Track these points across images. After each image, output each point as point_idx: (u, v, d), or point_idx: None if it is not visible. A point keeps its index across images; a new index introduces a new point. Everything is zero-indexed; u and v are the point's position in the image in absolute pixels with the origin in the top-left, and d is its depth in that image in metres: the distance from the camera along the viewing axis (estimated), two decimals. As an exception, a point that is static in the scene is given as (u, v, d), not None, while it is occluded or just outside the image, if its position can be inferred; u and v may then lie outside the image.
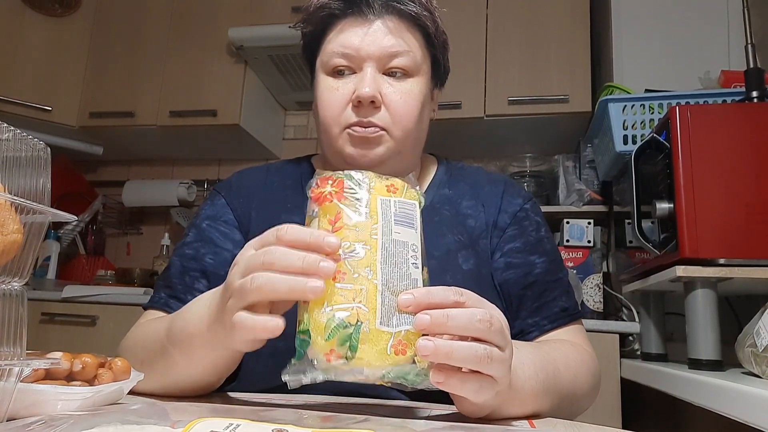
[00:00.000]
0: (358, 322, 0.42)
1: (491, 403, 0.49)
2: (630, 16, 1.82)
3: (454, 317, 0.43)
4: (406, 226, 0.48)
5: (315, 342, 0.43)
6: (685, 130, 1.12)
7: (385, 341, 0.43)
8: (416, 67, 0.70)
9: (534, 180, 2.10)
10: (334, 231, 0.46)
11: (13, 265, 0.39)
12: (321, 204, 0.49)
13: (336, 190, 0.49)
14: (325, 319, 0.43)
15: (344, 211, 0.47)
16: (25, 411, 0.41)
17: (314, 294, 0.43)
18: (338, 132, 0.69)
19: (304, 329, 0.44)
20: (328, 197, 0.48)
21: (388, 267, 0.45)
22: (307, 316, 0.44)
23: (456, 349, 0.42)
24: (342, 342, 0.42)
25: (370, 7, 0.69)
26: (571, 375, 0.62)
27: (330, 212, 0.47)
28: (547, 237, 0.78)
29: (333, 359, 0.42)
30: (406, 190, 0.51)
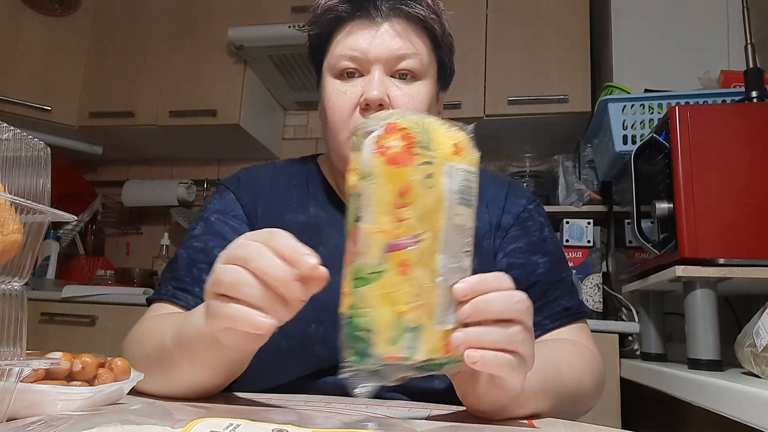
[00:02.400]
0: (420, 324, 0.40)
1: (501, 406, 0.48)
2: (630, 16, 1.82)
3: (493, 301, 0.43)
4: (466, 205, 0.43)
5: (379, 344, 0.40)
6: (685, 130, 1.12)
7: (439, 340, 0.41)
8: (423, 70, 0.70)
9: (534, 180, 2.10)
10: (400, 208, 0.40)
11: (13, 265, 0.39)
12: (388, 165, 0.41)
13: (405, 146, 0.41)
14: (391, 319, 0.40)
15: (414, 183, 0.40)
16: (25, 411, 0.40)
17: (260, 330, 0.41)
18: (346, 136, 0.69)
19: (364, 326, 0.40)
20: (397, 159, 0.41)
21: (446, 258, 0.42)
22: (370, 311, 0.40)
23: (486, 333, 0.42)
24: (406, 345, 0.40)
25: (377, 9, 0.69)
26: (574, 375, 0.62)
27: (398, 180, 0.40)
28: (551, 237, 0.78)
29: (394, 361, 0.40)
30: (469, 150, 0.44)
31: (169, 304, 0.71)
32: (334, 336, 0.67)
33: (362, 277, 0.40)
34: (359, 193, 0.41)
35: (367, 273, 0.40)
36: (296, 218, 0.76)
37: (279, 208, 0.77)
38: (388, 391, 0.67)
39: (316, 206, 0.77)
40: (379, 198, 0.41)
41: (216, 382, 0.57)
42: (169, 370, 0.55)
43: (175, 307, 0.70)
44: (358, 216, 0.41)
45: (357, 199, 0.42)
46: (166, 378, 0.56)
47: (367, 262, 0.40)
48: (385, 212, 0.41)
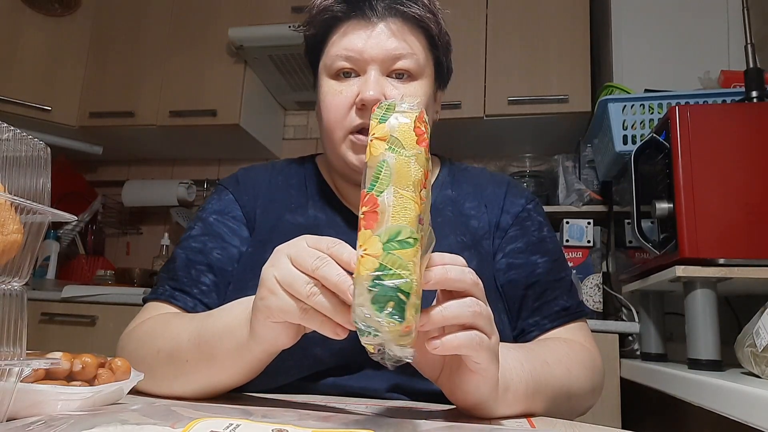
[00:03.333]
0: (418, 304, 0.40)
1: (487, 396, 0.49)
2: (630, 16, 1.82)
3: (447, 308, 0.44)
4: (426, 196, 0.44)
5: (410, 310, 0.39)
6: (685, 130, 1.12)
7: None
8: (420, 70, 0.70)
9: (534, 180, 2.10)
10: (422, 189, 0.42)
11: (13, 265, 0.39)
12: (420, 145, 0.42)
13: (428, 135, 0.43)
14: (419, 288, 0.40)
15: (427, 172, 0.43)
16: (25, 411, 0.40)
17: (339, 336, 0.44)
18: (342, 136, 0.69)
19: (405, 288, 0.39)
20: (427, 144, 0.43)
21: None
22: (410, 275, 0.39)
23: (444, 309, 0.44)
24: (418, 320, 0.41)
25: (373, 9, 0.69)
26: (563, 369, 0.62)
27: (425, 164, 0.42)
28: (550, 237, 0.78)
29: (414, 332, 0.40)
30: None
31: (167, 305, 0.70)
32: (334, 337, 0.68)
33: (403, 240, 0.39)
34: (385, 159, 0.42)
35: (406, 237, 0.39)
36: (295, 219, 0.76)
37: (278, 209, 0.77)
38: (388, 392, 0.67)
39: (315, 208, 0.77)
40: (411, 172, 0.41)
41: (230, 383, 0.56)
42: (183, 370, 0.55)
43: (173, 307, 0.70)
44: (385, 182, 0.41)
45: (384, 165, 0.41)
46: (178, 378, 0.56)
47: (405, 226, 0.40)
48: (414, 187, 0.41)
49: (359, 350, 0.67)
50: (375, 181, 0.41)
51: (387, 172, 0.41)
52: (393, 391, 0.67)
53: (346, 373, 0.67)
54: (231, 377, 0.55)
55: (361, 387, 0.66)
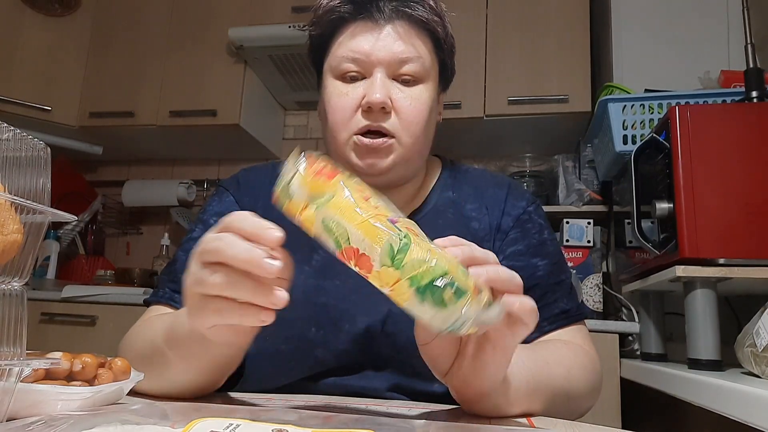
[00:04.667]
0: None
1: (497, 381, 0.49)
2: (630, 16, 1.82)
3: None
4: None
5: (460, 280, 0.40)
6: (685, 130, 1.12)
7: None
8: (425, 73, 0.70)
9: (534, 180, 2.10)
10: (367, 200, 0.42)
11: (13, 265, 0.39)
12: (331, 179, 0.43)
13: (329, 163, 0.43)
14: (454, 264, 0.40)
15: (361, 187, 0.43)
16: (25, 411, 0.40)
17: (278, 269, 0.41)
18: (346, 138, 0.69)
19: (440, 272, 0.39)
20: (333, 172, 0.43)
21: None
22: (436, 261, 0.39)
23: (500, 270, 0.44)
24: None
25: (380, 11, 0.69)
26: (563, 370, 0.62)
27: (347, 184, 0.43)
28: (551, 239, 0.78)
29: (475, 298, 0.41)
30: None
31: (167, 307, 0.71)
32: (334, 338, 0.68)
33: (399, 248, 0.40)
34: (326, 217, 0.41)
35: (399, 244, 0.40)
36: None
37: (278, 210, 0.77)
38: (389, 392, 0.67)
39: None
40: (349, 202, 0.41)
41: (210, 379, 0.56)
42: (162, 369, 0.55)
43: (173, 309, 0.70)
44: (341, 231, 0.41)
45: (330, 222, 0.41)
46: (160, 377, 0.56)
47: (390, 237, 0.40)
48: (363, 207, 0.41)
49: (360, 352, 0.68)
50: (336, 240, 0.41)
51: (333, 224, 0.41)
52: (393, 391, 0.67)
53: (346, 373, 0.67)
54: (204, 375, 0.55)
55: (361, 387, 0.66)
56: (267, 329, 0.69)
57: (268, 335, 0.68)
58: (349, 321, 0.68)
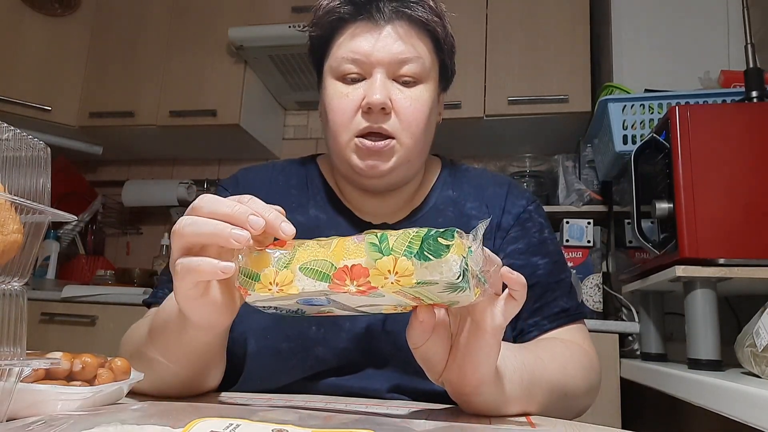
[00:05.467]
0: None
1: (492, 369, 0.49)
2: (630, 16, 1.82)
3: None
4: None
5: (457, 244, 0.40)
6: (685, 130, 1.12)
7: None
8: (425, 74, 0.70)
9: (534, 180, 2.10)
10: (336, 239, 0.43)
11: (13, 265, 0.39)
12: (284, 244, 0.45)
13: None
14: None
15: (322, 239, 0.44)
16: (25, 411, 0.40)
17: (237, 241, 0.42)
18: (347, 139, 0.69)
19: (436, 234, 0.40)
20: (291, 244, 0.45)
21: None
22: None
23: None
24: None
25: (380, 12, 0.69)
26: (559, 367, 0.62)
27: (307, 241, 0.45)
28: (551, 238, 0.78)
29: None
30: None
31: None
32: (335, 337, 0.68)
33: (380, 240, 0.41)
34: (301, 265, 0.42)
35: (377, 239, 0.41)
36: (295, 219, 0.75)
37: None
38: (389, 392, 0.67)
39: (316, 208, 0.77)
40: (312, 245, 0.43)
41: (192, 373, 0.57)
42: (148, 365, 0.55)
43: None
44: (324, 258, 0.42)
45: (308, 264, 0.42)
46: (148, 374, 0.56)
47: (366, 241, 0.41)
48: (324, 242, 0.43)
49: (361, 350, 0.68)
50: (322, 275, 0.42)
51: (313, 264, 0.42)
52: (394, 391, 0.67)
53: (347, 373, 0.67)
54: (186, 367, 0.55)
55: (361, 387, 0.66)
56: (267, 328, 0.70)
57: (269, 334, 0.68)
58: (350, 319, 0.68)
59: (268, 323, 0.68)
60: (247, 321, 0.67)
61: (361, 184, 0.73)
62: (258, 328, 0.68)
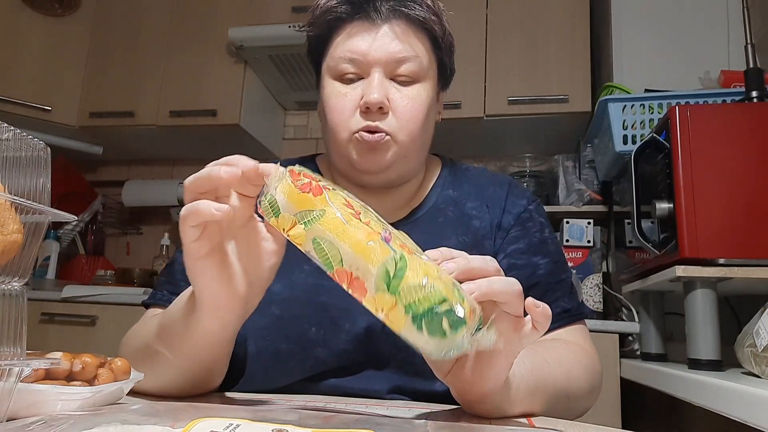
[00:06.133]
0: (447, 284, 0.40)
1: (501, 382, 0.49)
2: (630, 16, 1.82)
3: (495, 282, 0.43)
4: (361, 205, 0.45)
5: (455, 302, 0.38)
6: (685, 130, 1.12)
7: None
8: (423, 72, 0.70)
9: (534, 180, 2.10)
10: (358, 216, 0.41)
11: (13, 265, 0.39)
12: (317, 195, 0.42)
13: (316, 183, 0.43)
14: (448, 283, 0.39)
15: (341, 195, 0.43)
16: (25, 411, 0.40)
17: (228, 174, 0.47)
18: (346, 137, 0.69)
19: (437, 299, 0.37)
20: (318, 188, 0.43)
21: (401, 239, 0.42)
22: (434, 285, 0.38)
23: (495, 281, 0.43)
24: (465, 299, 0.39)
25: (377, 11, 0.69)
26: (563, 369, 0.62)
27: (334, 199, 0.42)
28: (551, 238, 0.78)
29: (472, 315, 0.39)
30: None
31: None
32: (335, 338, 0.68)
33: (395, 272, 0.38)
34: (316, 236, 0.41)
35: (395, 268, 0.38)
36: None
37: None
38: (389, 393, 0.67)
39: None
40: (339, 221, 0.40)
41: (199, 372, 0.56)
42: (153, 365, 0.55)
43: None
44: (333, 251, 0.40)
45: (321, 241, 0.40)
46: (153, 374, 0.56)
47: (385, 260, 0.39)
48: (354, 224, 0.40)
49: (361, 351, 0.68)
50: (327, 261, 0.40)
51: (325, 244, 0.40)
52: (394, 392, 0.67)
53: (347, 374, 0.67)
54: (193, 366, 0.55)
55: (362, 388, 0.66)
56: (267, 329, 0.70)
57: (268, 335, 0.68)
58: (350, 320, 0.68)
59: (267, 324, 0.68)
60: (247, 321, 0.66)
61: (360, 180, 0.73)
62: (258, 329, 0.68)
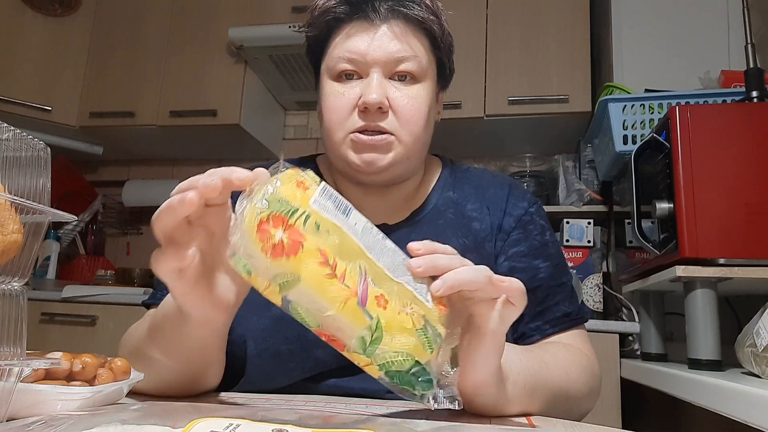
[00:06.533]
0: (422, 316, 0.43)
1: (494, 371, 0.49)
2: (630, 16, 1.82)
3: (442, 257, 0.46)
4: (344, 211, 0.44)
5: (426, 357, 0.43)
6: (685, 130, 1.12)
7: (438, 314, 0.44)
8: (422, 72, 0.70)
9: (534, 180, 2.10)
10: (334, 270, 0.41)
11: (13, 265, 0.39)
12: (289, 256, 0.41)
13: (284, 228, 0.41)
14: (414, 337, 0.42)
15: (315, 242, 0.41)
16: (25, 411, 0.40)
17: (188, 204, 0.43)
18: (342, 137, 0.69)
19: (408, 366, 0.43)
20: (293, 246, 0.41)
21: (386, 260, 0.43)
22: (403, 352, 0.42)
23: (460, 272, 0.45)
24: (433, 336, 0.43)
25: (376, 11, 0.69)
26: (562, 371, 0.62)
27: (310, 256, 0.41)
28: (552, 241, 0.78)
29: (439, 355, 0.44)
30: (305, 175, 0.45)
31: None
32: None
33: (371, 341, 0.42)
34: (292, 301, 0.42)
35: (371, 338, 0.42)
36: None
37: None
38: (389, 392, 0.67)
39: None
40: (312, 283, 0.41)
41: (191, 369, 0.56)
42: (147, 363, 0.55)
43: None
44: (314, 311, 0.42)
45: (297, 307, 0.42)
46: (147, 372, 0.56)
47: (362, 332, 0.42)
48: (328, 287, 0.41)
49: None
50: (304, 321, 0.43)
51: (302, 310, 0.42)
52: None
53: (347, 374, 0.67)
54: (184, 363, 0.55)
55: (362, 388, 0.66)
56: (267, 330, 0.70)
57: (268, 336, 0.68)
58: None
59: (267, 325, 0.68)
60: (246, 323, 0.66)
61: (360, 179, 0.72)
62: (257, 330, 0.68)
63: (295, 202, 0.42)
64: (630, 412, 1.51)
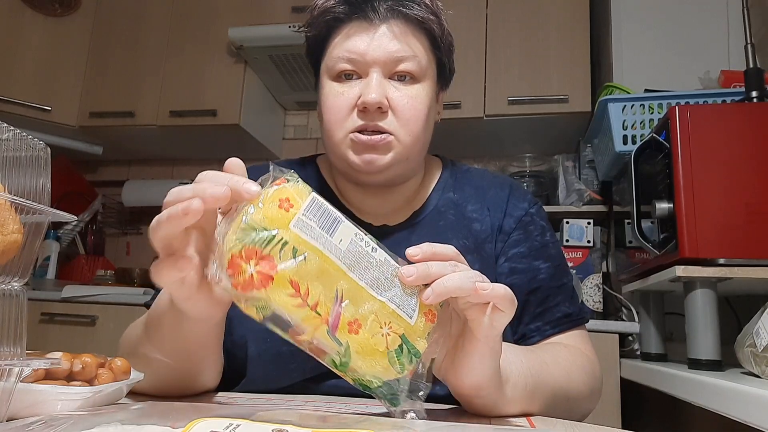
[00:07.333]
0: (402, 334, 0.44)
1: (491, 373, 0.49)
2: (630, 16, 1.82)
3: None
4: (329, 229, 0.43)
5: (395, 377, 0.44)
6: (685, 130, 1.12)
7: (420, 329, 0.45)
8: (422, 72, 0.70)
9: (534, 180, 2.10)
10: (305, 299, 0.41)
11: (13, 265, 0.39)
12: (259, 289, 0.40)
13: (259, 266, 0.40)
14: (385, 361, 0.43)
15: (288, 271, 0.41)
16: (25, 411, 0.40)
17: (193, 215, 0.42)
18: (342, 137, 0.68)
19: (376, 386, 0.45)
20: (263, 281, 0.40)
21: (369, 278, 0.43)
22: (373, 375, 0.44)
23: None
24: (408, 355, 0.45)
25: (375, 11, 0.68)
26: (563, 372, 0.62)
27: (280, 285, 0.41)
28: (553, 242, 0.78)
29: (414, 372, 0.45)
30: (294, 190, 0.43)
31: None
32: None
33: (340, 364, 0.44)
34: (269, 322, 0.43)
35: (340, 361, 0.43)
36: None
37: None
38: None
39: None
40: (284, 310, 0.41)
41: (188, 366, 0.56)
42: (145, 362, 0.55)
43: None
44: (293, 328, 0.43)
45: (274, 327, 0.43)
46: (145, 371, 0.56)
47: (332, 355, 0.43)
48: (300, 315, 0.42)
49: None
50: (283, 336, 0.44)
51: (278, 330, 0.43)
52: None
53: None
54: (181, 359, 0.55)
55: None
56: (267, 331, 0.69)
57: (269, 337, 0.68)
58: None
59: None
60: (247, 324, 0.66)
61: (359, 179, 0.72)
62: (258, 331, 0.68)
63: (273, 226, 0.41)
64: (630, 412, 1.51)
